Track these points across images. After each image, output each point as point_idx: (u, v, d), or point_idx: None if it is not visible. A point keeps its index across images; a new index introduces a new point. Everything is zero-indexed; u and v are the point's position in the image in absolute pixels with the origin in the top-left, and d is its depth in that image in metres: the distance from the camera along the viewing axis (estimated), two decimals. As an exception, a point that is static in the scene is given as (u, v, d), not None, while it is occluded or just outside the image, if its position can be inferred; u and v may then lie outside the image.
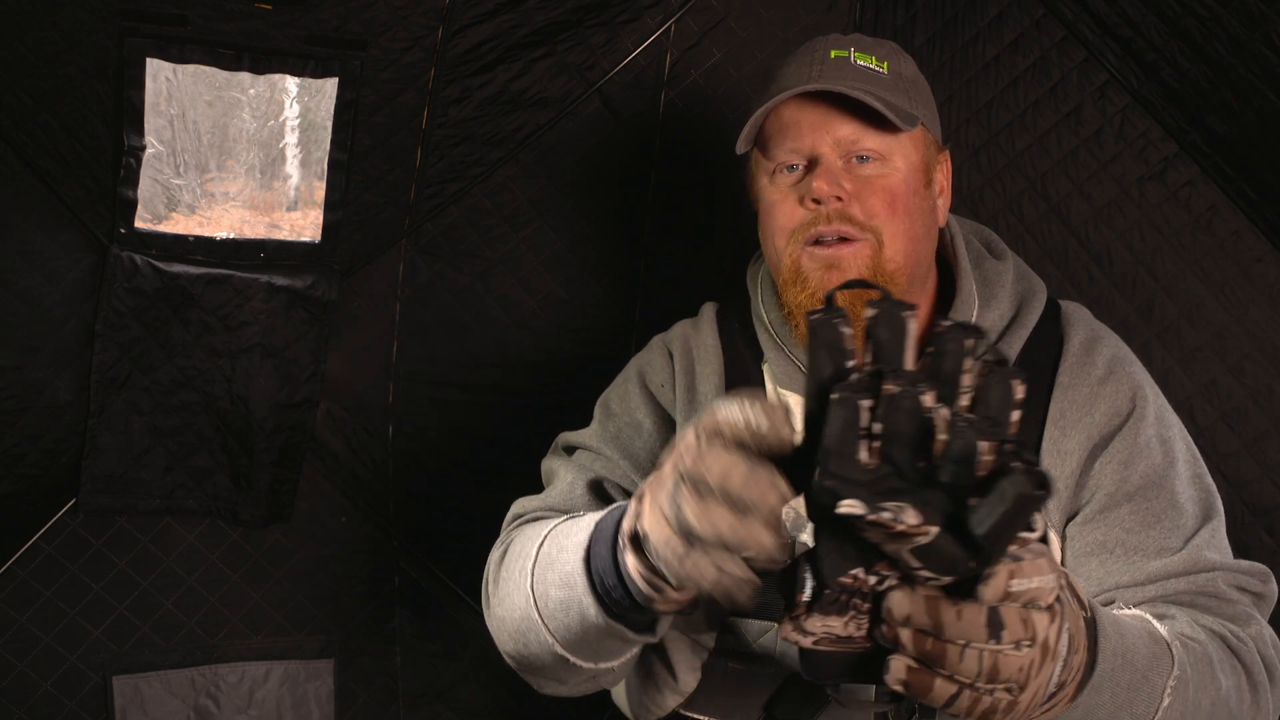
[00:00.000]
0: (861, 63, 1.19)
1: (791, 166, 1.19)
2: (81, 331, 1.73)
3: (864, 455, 0.64)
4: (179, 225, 1.74)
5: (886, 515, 0.62)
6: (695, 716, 1.21)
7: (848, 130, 1.16)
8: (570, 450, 1.31)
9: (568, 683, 1.11)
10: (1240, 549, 1.22)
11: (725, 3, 1.84)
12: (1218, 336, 1.65)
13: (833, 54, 1.20)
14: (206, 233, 1.76)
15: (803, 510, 0.99)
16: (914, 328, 0.66)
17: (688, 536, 0.73)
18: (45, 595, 1.82)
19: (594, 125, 1.88)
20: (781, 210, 1.19)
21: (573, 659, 1.00)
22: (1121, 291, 1.70)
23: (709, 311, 1.34)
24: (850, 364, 0.67)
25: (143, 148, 1.64)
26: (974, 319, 1.22)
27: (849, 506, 0.63)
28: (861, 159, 1.17)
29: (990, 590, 0.68)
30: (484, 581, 1.19)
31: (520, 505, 1.27)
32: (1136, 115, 1.66)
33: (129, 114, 1.60)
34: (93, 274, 1.71)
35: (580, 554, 0.92)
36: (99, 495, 1.82)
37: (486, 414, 1.99)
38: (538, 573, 1.01)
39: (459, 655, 2.08)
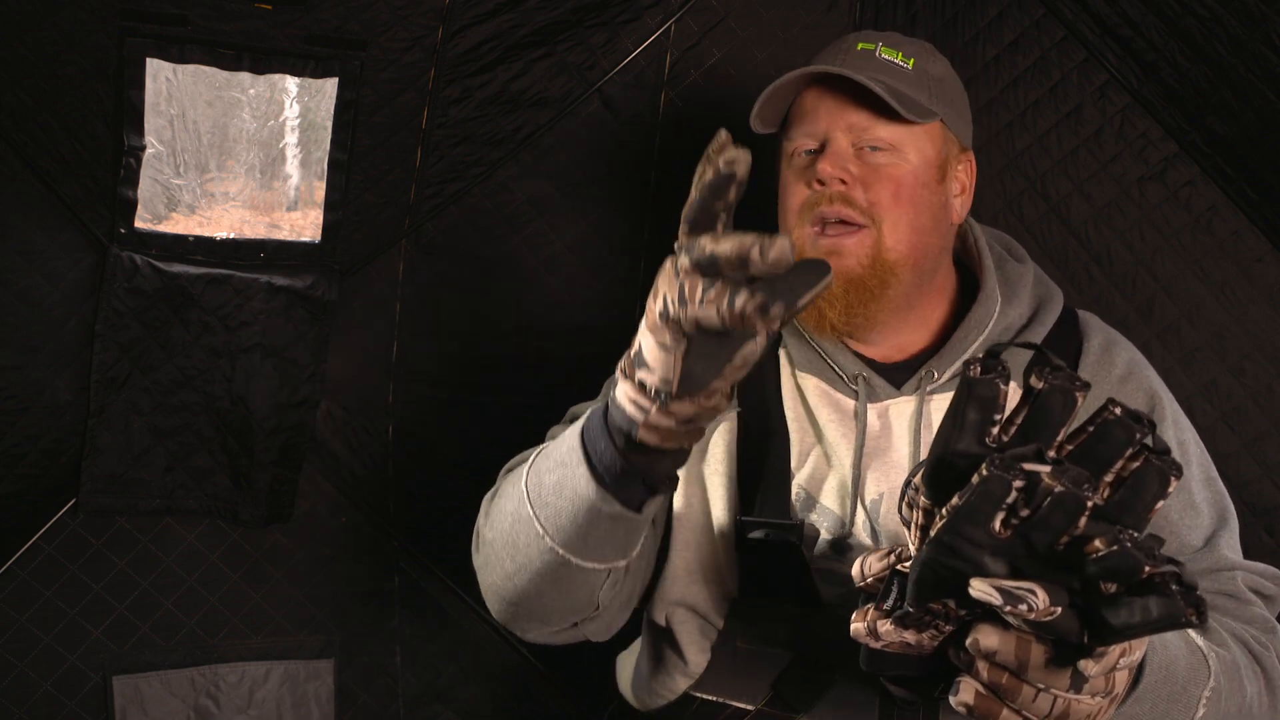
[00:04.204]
0: (886, 57, 1.23)
1: (807, 150, 1.23)
2: (81, 331, 1.73)
3: (997, 526, 0.62)
4: (179, 225, 1.74)
5: (1023, 607, 0.61)
6: (703, 697, 1.21)
7: (859, 118, 1.20)
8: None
9: (552, 618, 1.12)
10: (1240, 549, 1.23)
11: (725, 3, 1.84)
12: (1218, 336, 1.65)
13: (860, 46, 1.24)
14: (206, 233, 1.76)
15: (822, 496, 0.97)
16: (1081, 405, 0.65)
17: (707, 267, 0.76)
18: (45, 595, 1.82)
19: (594, 125, 1.88)
20: (792, 191, 1.23)
21: (562, 551, 1.00)
22: (1121, 291, 1.70)
23: None
24: (996, 421, 0.66)
25: (143, 148, 1.64)
26: (995, 316, 1.25)
27: (984, 593, 0.62)
28: (874, 148, 1.20)
29: (1098, 667, 0.67)
30: (475, 527, 1.19)
31: (516, 458, 1.28)
32: (1136, 115, 1.66)
33: (129, 114, 1.60)
34: (93, 274, 1.71)
35: (576, 434, 0.94)
36: (99, 495, 1.82)
37: (486, 414, 1.99)
38: (533, 469, 1.02)
39: (459, 655, 2.08)
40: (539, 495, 1.00)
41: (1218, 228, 1.64)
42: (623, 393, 0.86)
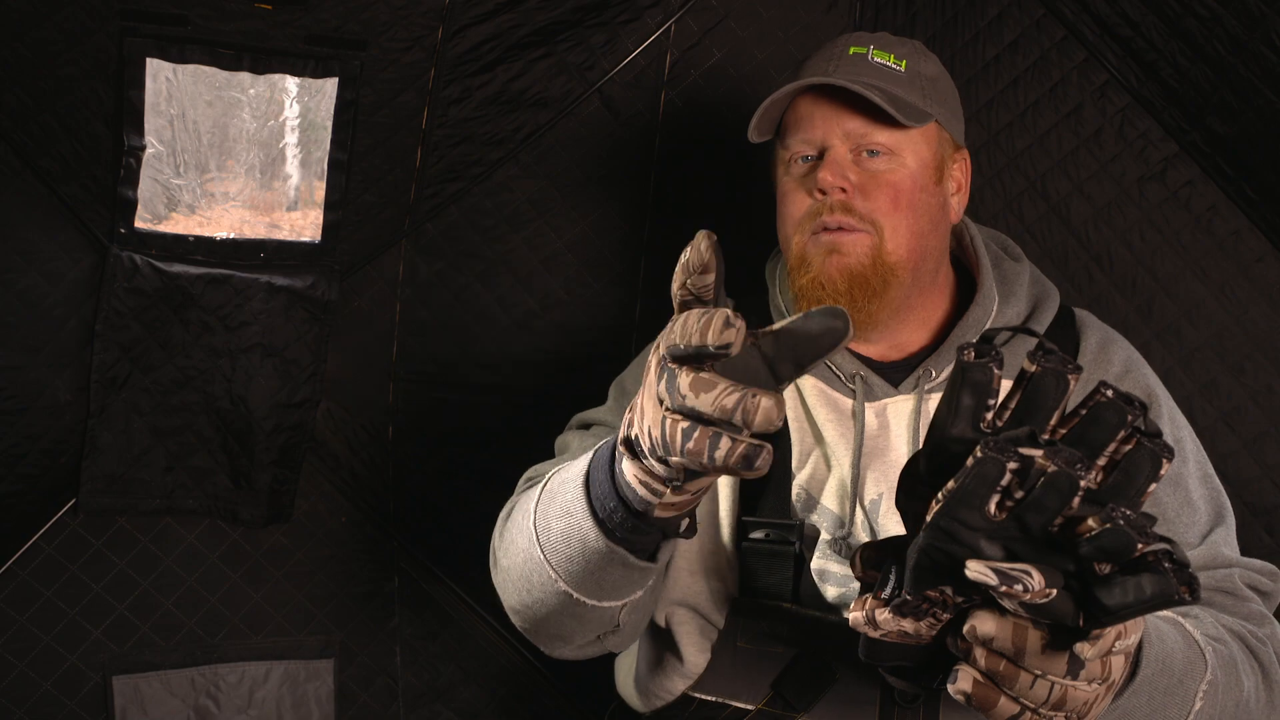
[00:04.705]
0: (879, 60, 1.23)
1: (805, 157, 1.24)
2: (81, 331, 1.73)
3: (992, 509, 0.63)
4: (179, 225, 1.74)
5: (1018, 588, 0.61)
6: (703, 697, 1.21)
7: (856, 124, 1.21)
8: (586, 427, 1.34)
9: (574, 640, 1.11)
10: (1240, 549, 1.23)
11: (725, 3, 1.84)
12: (1218, 336, 1.65)
13: (851, 50, 1.24)
14: (206, 233, 1.76)
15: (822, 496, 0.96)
16: (1073, 388, 0.65)
17: (689, 416, 0.71)
18: (45, 595, 1.82)
19: (594, 125, 1.88)
20: (792, 200, 1.24)
21: (576, 595, 0.99)
22: (1121, 291, 1.70)
23: None
24: (990, 406, 0.66)
25: (143, 148, 1.64)
26: (993, 315, 1.26)
27: (980, 574, 0.62)
28: (872, 153, 1.21)
29: (1094, 650, 0.67)
30: (491, 543, 1.18)
31: (532, 470, 1.28)
32: (1136, 115, 1.67)
33: (129, 114, 1.60)
34: (93, 274, 1.71)
35: (580, 481, 0.92)
36: (99, 495, 1.82)
37: (486, 414, 1.99)
38: (540, 510, 1.01)
39: (459, 655, 2.08)
40: (549, 540, 0.98)
41: (1218, 228, 1.64)
42: (630, 472, 0.82)
